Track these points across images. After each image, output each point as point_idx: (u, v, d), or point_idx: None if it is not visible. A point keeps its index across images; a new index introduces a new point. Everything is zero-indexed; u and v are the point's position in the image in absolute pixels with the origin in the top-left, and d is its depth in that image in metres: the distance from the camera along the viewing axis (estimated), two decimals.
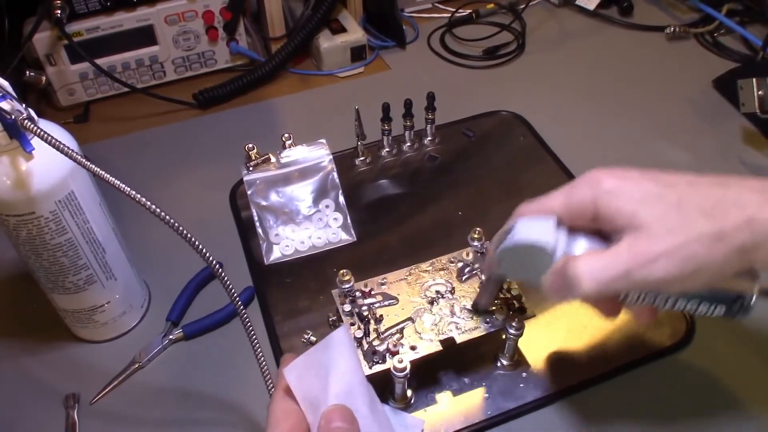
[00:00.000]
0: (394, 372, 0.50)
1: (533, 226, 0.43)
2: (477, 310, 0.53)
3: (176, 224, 0.43)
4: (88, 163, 0.43)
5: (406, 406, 0.54)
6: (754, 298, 0.42)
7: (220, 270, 0.44)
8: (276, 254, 0.66)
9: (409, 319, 0.54)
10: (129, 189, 0.43)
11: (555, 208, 0.43)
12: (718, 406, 0.53)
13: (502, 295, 0.55)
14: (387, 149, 0.76)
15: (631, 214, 0.39)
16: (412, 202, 0.71)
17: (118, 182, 0.43)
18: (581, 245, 0.43)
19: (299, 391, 0.41)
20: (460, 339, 0.53)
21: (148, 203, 0.43)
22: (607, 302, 0.46)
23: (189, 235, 0.43)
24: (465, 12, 0.98)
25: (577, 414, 0.53)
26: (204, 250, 0.43)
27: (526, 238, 0.43)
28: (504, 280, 0.48)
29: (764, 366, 0.55)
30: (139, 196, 0.43)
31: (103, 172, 0.43)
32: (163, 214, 0.43)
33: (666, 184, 0.40)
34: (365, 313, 0.58)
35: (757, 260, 0.38)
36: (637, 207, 0.39)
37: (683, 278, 0.38)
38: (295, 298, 0.61)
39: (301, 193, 0.68)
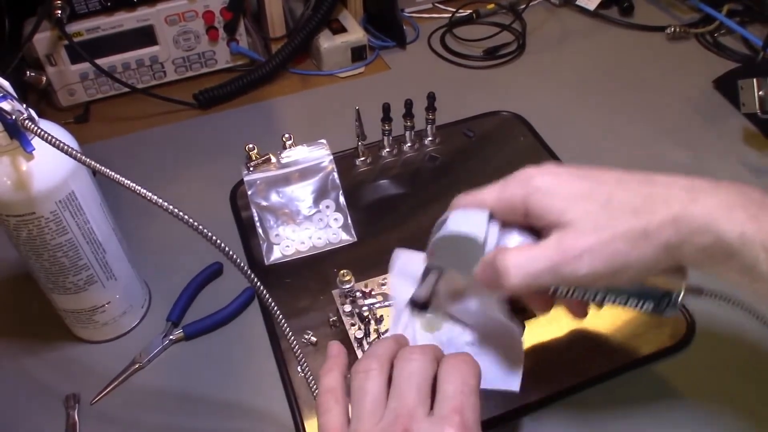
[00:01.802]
0: None
1: (466, 217, 0.44)
2: (415, 304, 0.49)
3: (182, 214, 0.43)
4: (89, 160, 0.43)
5: None
6: (681, 295, 0.42)
7: (233, 254, 0.43)
8: (276, 254, 0.66)
9: None
10: (132, 184, 0.42)
11: (488, 201, 0.44)
12: (717, 407, 0.53)
13: None
14: (387, 149, 0.75)
15: (560, 211, 0.40)
16: (413, 203, 0.71)
17: (121, 178, 0.43)
18: (514, 240, 0.43)
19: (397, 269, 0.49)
20: None
21: (153, 196, 0.42)
22: (539, 297, 0.46)
23: (197, 224, 0.43)
24: (465, 12, 0.98)
25: (577, 414, 0.53)
26: (214, 237, 0.43)
27: (456, 229, 0.43)
28: (441, 271, 0.47)
29: (764, 366, 0.55)
30: (143, 190, 0.42)
31: (105, 168, 0.42)
32: (167, 204, 0.42)
33: (596, 181, 0.41)
34: (366, 314, 0.58)
35: (683, 257, 0.38)
36: (565, 205, 0.40)
37: (609, 275, 0.39)
38: (295, 299, 0.61)
39: (302, 193, 0.69)
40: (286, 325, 0.45)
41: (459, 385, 0.39)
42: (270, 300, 0.44)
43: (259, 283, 0.44)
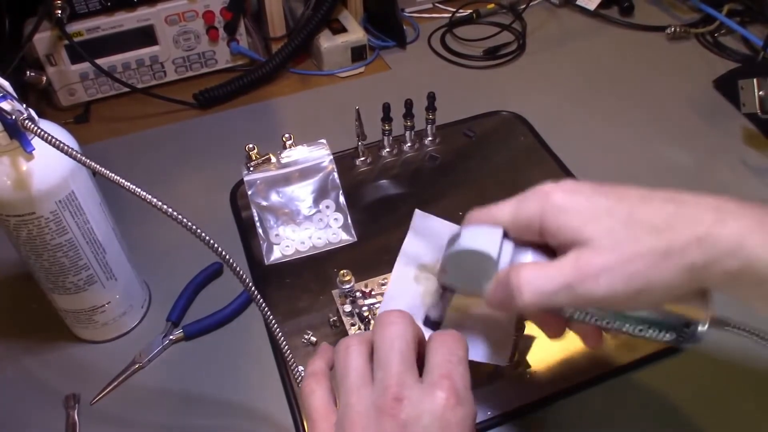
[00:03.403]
0: None
1: (479, 234, 0.42)
2: (428, 322, 0.48)
3: (180, 217, 0.43)
4: (89, 161, 0.43)
5: None
6: (705, 326, 0.39)
7: (229, 258, 0.43)
8: (276, 254, 0.66)
9: None
10: (132, 186, 0.43)
11: (503, 218, 0.42)
12: (717, 408, 0.53)
13: None
14: (387, 149, 0.75)
15: (578, 228, 0.38)
16: (413, 203, 0.70)
17: (120, 179, 0.43)
18: (528, 259, 0.42)
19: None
20: None
21: (152, 198, 0.42)
22: (551, 320, 0.45)
23: (195, 227, 0.43)
24: (465, 12, 0.98)
25: (577, 414, 0.53)
26: (212, 241, 0.43)
27: (469, 245, 0.42)
28: (453, 290, 0.46)
29: (764, 366, 0.55)
30: (141, 191, 0.43)
31: (104, 170, 0.43)
32: (166, 207, 0.43)
33: (617, 198, 0.39)
34: (366, 314, 0.58)
35: (708, 280, 0.36)
36: (584, 222, 0.38)
37: (628, 296, 0.37)
38: (295, 299, 0.62)
39: (302, 193, 0.69)
40: (278, 329, 0.45)
41: (446, 355, 0.38)
42: (264, 306, 0.44)
43: (253, 287, 0.44)
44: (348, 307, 0.58)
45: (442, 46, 0.93)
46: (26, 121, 0.43)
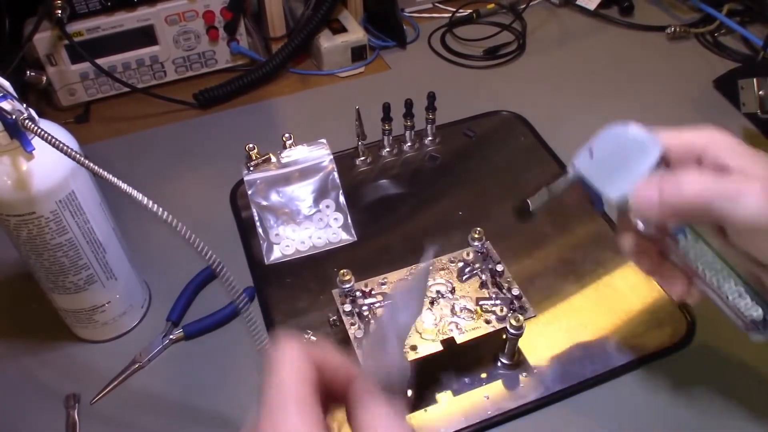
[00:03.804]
0: None
1: (645, 132, 0.42)
2: (521, 211, 0.45)
3: (176, 222, 0.43)
4: (88, 162, 0.43)
5: (407, 405, 0.54)
6: None
7: (223, 268, 0.43)
8: (276, 254, 0.66)
9: None
10: (129, 188, 0.43)
11: (663, 137, 0.43)
12: (718, 406, 0.53)
13: (502, 295, 0.55)
14: (387, 149, 0.75)
15: (741, 164, 0.40)
16: (413, 202, 0.71)
17: (118, 181, 0.43)
18: None
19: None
20: (460, 339, 0.53)
21: (149, 202, 0.42)
22: (652, 254, 0.45)
23: (189, 234, 0.43)
24: (465, 12, 0.98)
25: (577, 414, 0.53)
26: (204, 248, 0.43)
27: (643, 134, 0.41)
28: (574, 180, 0.44)
29: (765, 366, 0.55)
30: (138, 194, 0.43)
31: (103, 171, 0.43)
32: (162, 212, 0.43)
33: None
34: (366, 313, 0.58)
35: None
36: (748, 163, 0.40)
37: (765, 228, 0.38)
38: (295, 298, 0.62)
39: (302, 193, 0.69)
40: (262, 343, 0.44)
41: None
42: (252, 319, 0.44)
43: (245, 298, 0.44)
44: (348, 307, 0.58)
45: (442, 46, 0.93)
46: (26, 121, 0.43)
